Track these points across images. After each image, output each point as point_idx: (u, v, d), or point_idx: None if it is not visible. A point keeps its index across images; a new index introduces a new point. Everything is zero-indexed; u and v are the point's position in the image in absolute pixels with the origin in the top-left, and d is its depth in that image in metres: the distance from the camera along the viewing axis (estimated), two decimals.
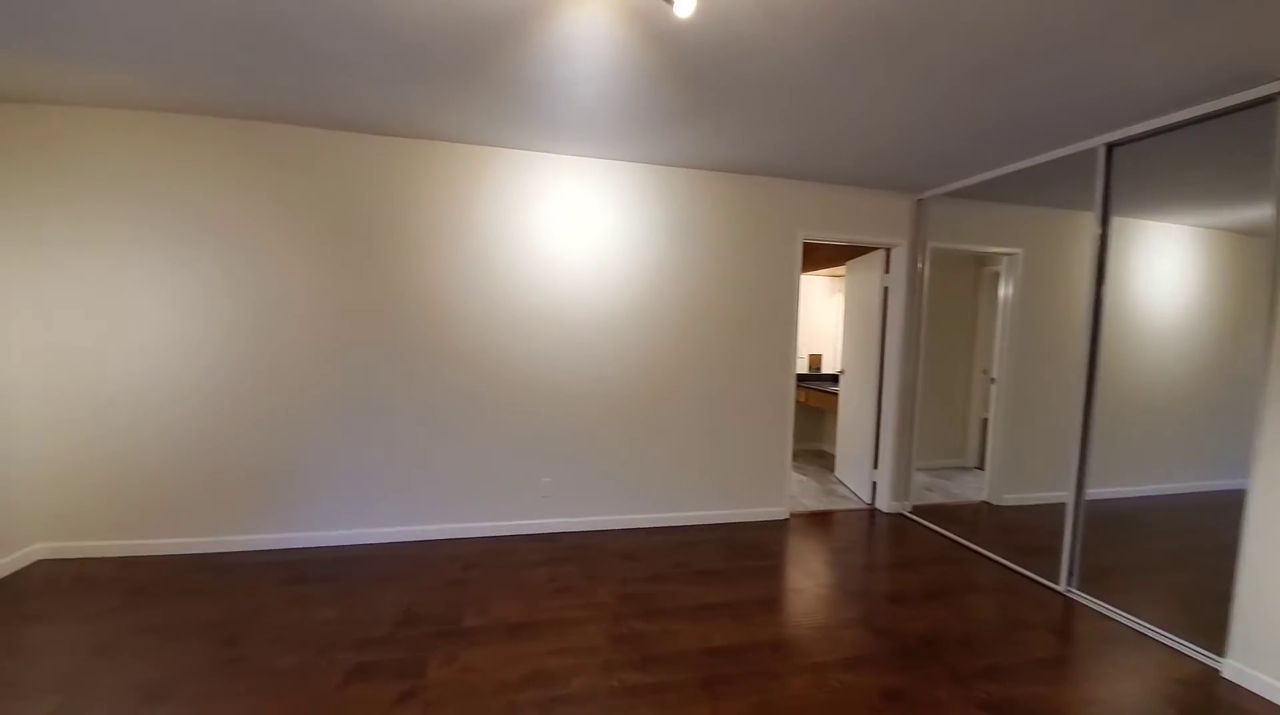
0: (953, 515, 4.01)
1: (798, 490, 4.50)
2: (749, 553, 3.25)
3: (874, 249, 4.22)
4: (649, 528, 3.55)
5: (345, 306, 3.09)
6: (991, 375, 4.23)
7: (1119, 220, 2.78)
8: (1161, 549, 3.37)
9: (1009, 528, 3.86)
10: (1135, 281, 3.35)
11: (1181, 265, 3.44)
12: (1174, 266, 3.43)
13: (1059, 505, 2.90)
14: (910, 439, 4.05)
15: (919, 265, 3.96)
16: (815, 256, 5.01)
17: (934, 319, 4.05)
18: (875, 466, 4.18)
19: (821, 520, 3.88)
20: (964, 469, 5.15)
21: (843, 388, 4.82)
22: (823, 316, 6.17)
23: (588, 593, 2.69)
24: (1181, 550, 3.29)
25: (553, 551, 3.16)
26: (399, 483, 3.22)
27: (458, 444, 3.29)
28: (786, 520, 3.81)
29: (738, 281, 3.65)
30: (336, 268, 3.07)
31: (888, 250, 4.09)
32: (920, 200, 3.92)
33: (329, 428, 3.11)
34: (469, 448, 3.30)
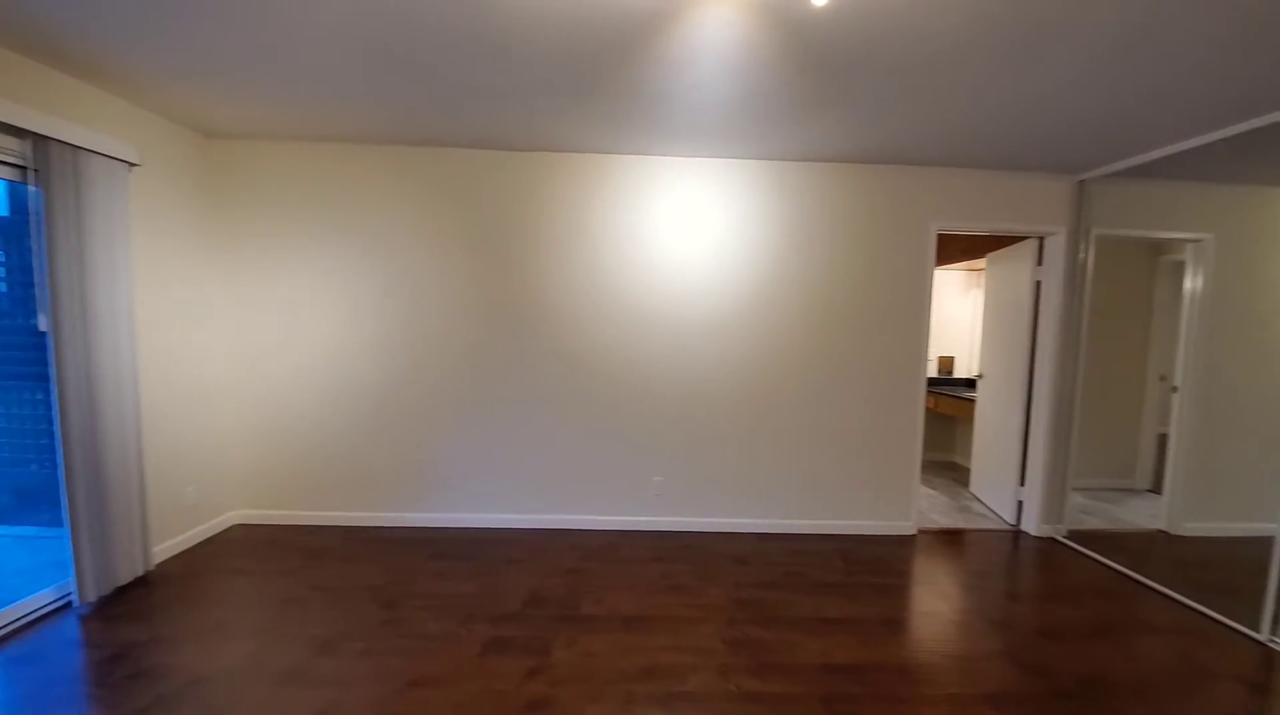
0: (1119, 544, 3.47)
1: (926, 505, 4.15)
2: (871, 568, 3.06)
3: (1023, 239, 3.77)
4: (759, 533, 3.48)
5: (478, 310, 3.37)
6: (1173, 383, 3.60)
7: None
8: None
9: (1193, 562, 3.29)
10: None
11: None
12: None
13: (1263, 538, 2.46)
14: (1066, 454, 3.56)
15: (1080, 255, 3.46)
16: (949, 249, 4.56)
17: (1097, 317, 3.53)
18: (1022, 484, 3.74)
19: (954, 539, 3.55)
20: (1132, 491, 4.47)
21: (981, 394, 4.36)
22: (957, 315, 5.63)
23: (699, 593, 2.71)
24: None
25: (663, 549, 3.22)
26: (523, 473, 3.46)
27: (575, 440, 3.46)
28: (914, 536, 3.54)
29: (862, 278, 3.44)
30: (470, 275, 3.35)
31: (1041, 239, 3.62)
32: (1083, 182, 3.42)
33: (463, 421, 3.43)
34: (585, 444, 3.46)
